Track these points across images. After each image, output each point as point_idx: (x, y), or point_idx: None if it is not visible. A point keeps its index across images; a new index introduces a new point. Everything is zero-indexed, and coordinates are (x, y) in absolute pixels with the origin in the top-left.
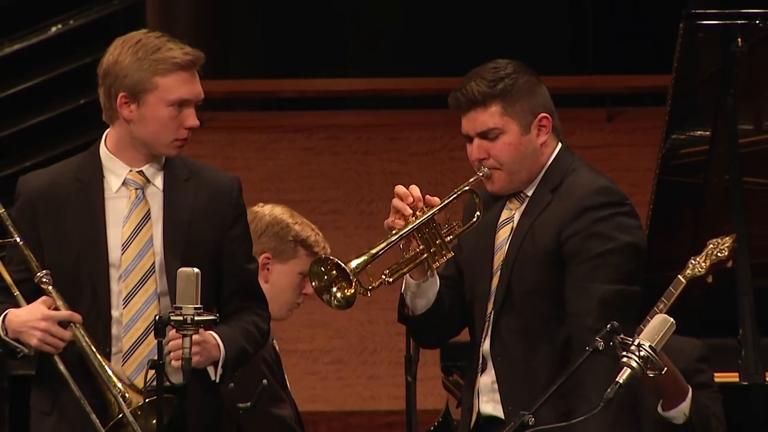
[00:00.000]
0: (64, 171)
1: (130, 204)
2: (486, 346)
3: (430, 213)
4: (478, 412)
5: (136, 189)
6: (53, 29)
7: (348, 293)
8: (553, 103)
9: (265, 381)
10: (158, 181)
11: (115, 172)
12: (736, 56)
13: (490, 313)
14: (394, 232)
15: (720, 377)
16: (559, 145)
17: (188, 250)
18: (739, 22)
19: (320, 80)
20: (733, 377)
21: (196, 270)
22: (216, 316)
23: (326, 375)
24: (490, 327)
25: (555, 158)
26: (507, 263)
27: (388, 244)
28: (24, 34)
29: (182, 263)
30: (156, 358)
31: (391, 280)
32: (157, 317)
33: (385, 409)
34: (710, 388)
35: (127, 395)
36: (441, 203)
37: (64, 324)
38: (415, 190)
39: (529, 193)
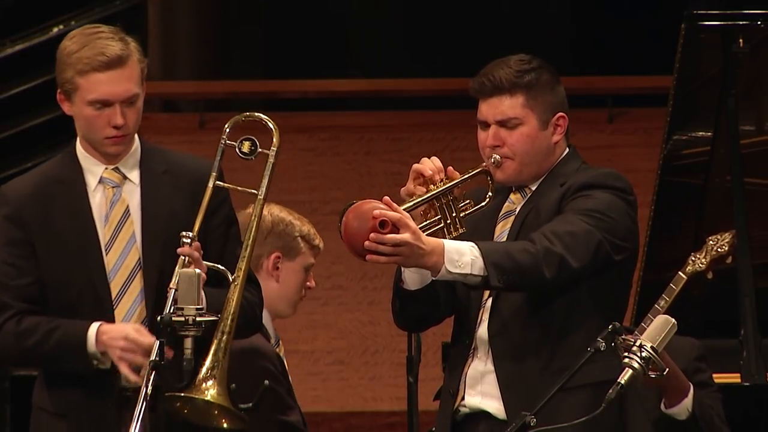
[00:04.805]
0: (44, 173)
1: (108, 203)
2: (481, 330)
3: (450, 184)
4: (463, 397)
5: (113, 188)
6: (55, 30)
7: None
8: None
9: (267, 381)
10: (134, 175)
11: (92, 171)
12: (737, 57)
13: (487, 298)
14: (415, 197)
15: (721, 378)
16: (568, 148)
17: (170, 244)
18: (741, 22)
19: (322, 81)
20: (734, 378)
21: (197, 270)
22: (217, 316)
23: (328, 376)
24: (488, 312)
25: (564, 158)
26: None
27: (413, 205)
28: (25, 35)
29: (163, 258)
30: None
31: None
32: (158, 318)
33: (386, 410)
34: (710, 387)
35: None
36: (460, 178)
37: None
38: (436, 161)
39: (533, 188)
